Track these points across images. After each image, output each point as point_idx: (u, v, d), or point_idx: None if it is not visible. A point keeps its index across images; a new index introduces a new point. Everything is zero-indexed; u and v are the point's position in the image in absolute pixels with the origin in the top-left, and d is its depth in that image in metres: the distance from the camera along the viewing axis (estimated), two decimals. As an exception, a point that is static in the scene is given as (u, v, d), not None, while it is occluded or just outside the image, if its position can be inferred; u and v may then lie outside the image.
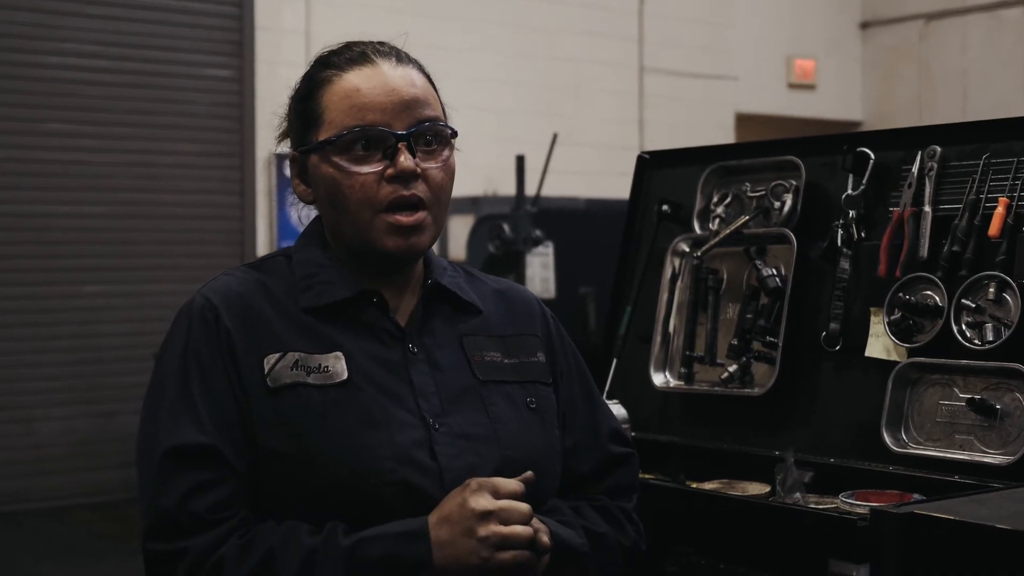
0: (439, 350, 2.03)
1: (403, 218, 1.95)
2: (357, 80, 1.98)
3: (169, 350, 1.98)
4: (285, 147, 2.16)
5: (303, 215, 2.19)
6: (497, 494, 1.85)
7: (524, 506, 1.85)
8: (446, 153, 2.02)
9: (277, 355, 1.92)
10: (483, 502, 1.83)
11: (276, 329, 1.95)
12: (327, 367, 1.93)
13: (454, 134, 2.04)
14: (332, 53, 2.05)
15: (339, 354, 1.95)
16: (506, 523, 1.83)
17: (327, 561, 1.82)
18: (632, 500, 2.18)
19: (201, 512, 1.86)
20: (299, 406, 1.89)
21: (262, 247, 8.97)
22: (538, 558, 1.87)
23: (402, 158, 1.95)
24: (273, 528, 1.86)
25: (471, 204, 8.65)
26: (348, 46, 2.06)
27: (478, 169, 8.61)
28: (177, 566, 1.85)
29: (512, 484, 1.87)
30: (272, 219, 9.04)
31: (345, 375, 1.93)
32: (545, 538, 1.87)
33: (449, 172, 2.03)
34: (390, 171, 1.95)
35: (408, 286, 2.06)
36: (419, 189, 1.96)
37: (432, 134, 2.00)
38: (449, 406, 1.98)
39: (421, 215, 1.96)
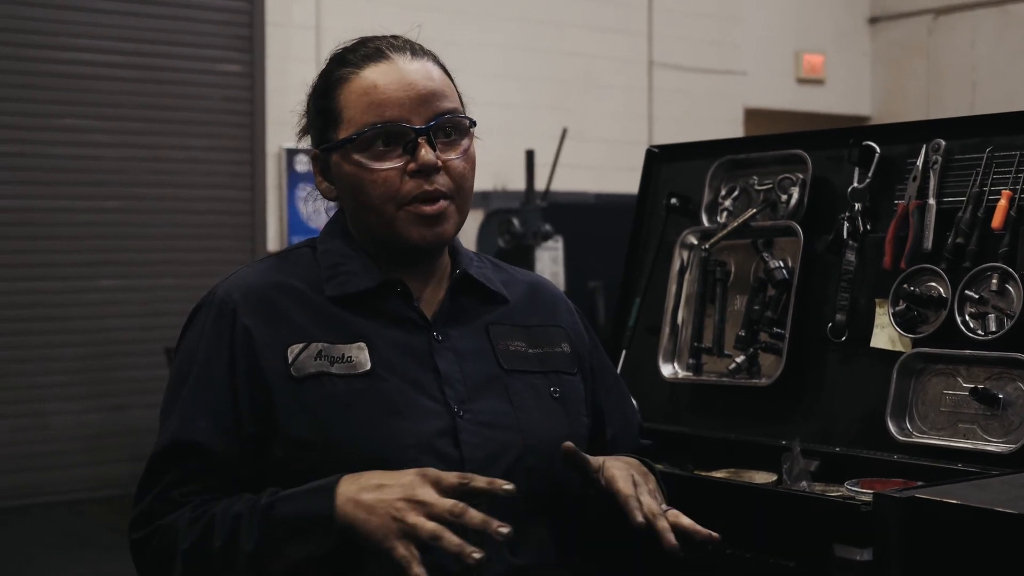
0: (464, 339, 2.06)
1: (426, 208, 1.98)
2: (374, 76, 2.00)
3: (184, 344, 2.03)
4: (299, 143, 2.19)
5: (312, 209, 2.22)
6: (439, 485, 1.81)
7: (449, 503, 1.78)
8: (466, 143, 2.04)
9: (301, 345, 1.96)
10: (422, 492, 1.80)
11: (298, 320, 1.98)
12: (350, 357, 1.96)
13: (473, 124, 2.07)
14: (347, 50, 2.08)
15: (362, 344, 1.98)
16: (428, 516, 1.78)
17: (247, 523, 1.86)
18: None
19: (175, 497, 1.93)
20: (323, 396, 1.93)
21: (272, 241, 9.01)
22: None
23: (423, 152, 1.97)
24: (223, 500, 1.91)
25: (480, 199, 8.69)
26: (363, 42, 2.08)
27: (487, 164, 8.61)
28: (151, 544, 1.93)
29: (453, 479, 1.82)
30: (282, 213, 9.07)
31: (368, 365, 1.96)
32: (501, 528, 1.78)
33: (470, 161, 2.05)
34: (412, 166, 1.97)
35: (434, 276, 2.08)
36: (441, 182, 1.98)
37: (451, 126, 2.02)
38: (474, 393, 2.01)
39: (444, 204, 1.99)
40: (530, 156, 7.93)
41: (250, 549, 1.84)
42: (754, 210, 3.00)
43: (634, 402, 2.46)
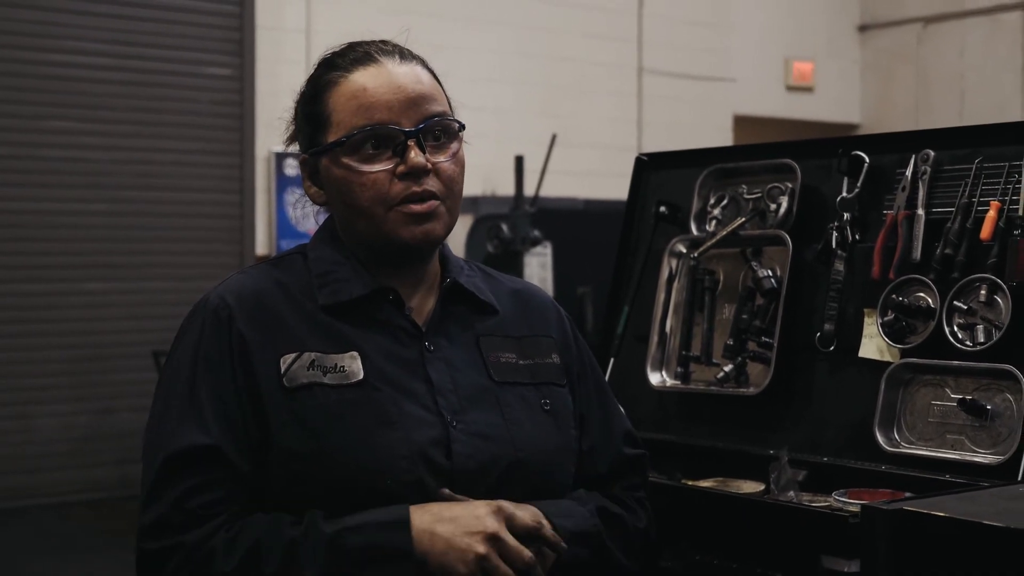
0: (455, 349, 2.05)
1: (415, 207, 1.97)
2: (363, 80, 2.00)
3: (180, 349, 2.00)
4: (287, 148, 2.19)
5: (301, 214, 2.21)
6: (512, 527, 1.89)
7: (527, 553, 1.89)
8: (455, 146, 2.04)
9: (293, 355, 1.94)
10: (497, 526, 1.87)
11: (292, 328, 1.97)
12: (343, 367, 1.95)
13: (462, 127, 2.06)
14: (336, 54, 2.07)
15: (355, 354, 1.96)
16: (504, 559, 1.87)
17: (308, 551, 1.84)
18: (642, 492, 2.25)
19: (195, 509, 1.88)
20: (316, 406, 1.92)
21: (261, 245, 9.00)
22: None
23: (412, 154, 1.97)
24: (260, 520, 1.89)
25: (470, 204, 8.68)
26: (351, 47, 2.08)
27: (477, 169, 8.61)
28: (170, 560, 1.87)
29: (528, 521, 1.91)
30: (271, 217, 9.07)
31: (361, 375, 1.95)
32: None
33: (460, 165, 2.04)
34: (401, 168, 1.97)
35: (424, 283, 2.07)
36: (431, 184, 1.98)
37: (440, 129, 2.02)
38: (466, 404, 2.00)
39: (434, 203, 1.98)
40: (519, 161, 7.94)
41: None
42: (743, 219, 3.00)
43: (622, 411, 2.46)
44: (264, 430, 1.92)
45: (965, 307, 2.58)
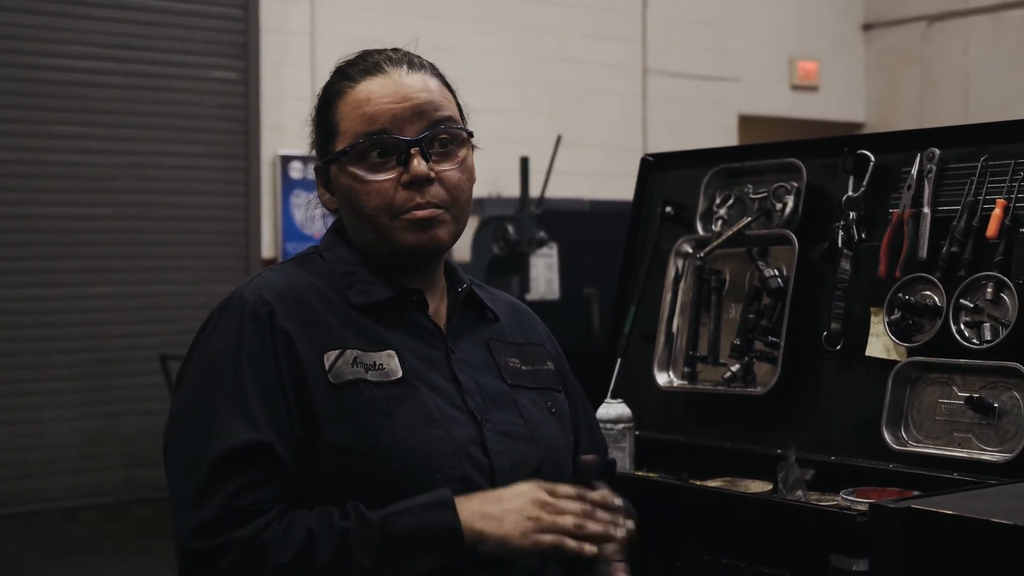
0: (472, 352, 2.09)
1: (418, 212, 1.99)
2: (369, 89, 2.02)
3: (214, 347, 1.97)
4: (311, 153, 2.19)
5: (306, 217, 2.23)
6: (555, 495, 1.91)
7: (575, 506, 1.91)
8: (462, 154, 2.04)
9: (336, 351, 1.95)
10: (542, 495, 1.90)
11: (331, 325, 1.97)
12: (382, 364, 1.96)
13: (470, 135, 2.07)
14: (348, 63, 2.09)
15: (392, 352, 1.98)
16: (557, 514, 1.89)
17: (361, 538, 1.85)
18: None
19: (246, 506, 1.87)
20: (363, 402, 1.92)
21: (267, 248, 9.00)
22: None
23: (415, 163, 1.98)
24: (310, 513, 1.89)
25: (475, 205, 8.66)
26: (363, 56, 2.09)
27: (482, 171, 8.53)
28: (224, 556, 1.86)
29: (568, 489, 1.93)
30: (276, 220, 9.07)
31: (400, 373, 1.96)
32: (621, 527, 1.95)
33: (467, 172, 2.05)
34: (405, 177, 1.98)
35: (435, 289, 2.10)
36: (434, 193, 1.99)
37: (447, 136, 2.03)
38: (490, 405, 2.03)
39: (437, 211, 2.00)
40: (525, 163, 7.93)
41: (368, 564, 1.84)
42: (749, 219, 3.01)
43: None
44: (310, 426, 1.92)
45: (972, 305, 2.58)
